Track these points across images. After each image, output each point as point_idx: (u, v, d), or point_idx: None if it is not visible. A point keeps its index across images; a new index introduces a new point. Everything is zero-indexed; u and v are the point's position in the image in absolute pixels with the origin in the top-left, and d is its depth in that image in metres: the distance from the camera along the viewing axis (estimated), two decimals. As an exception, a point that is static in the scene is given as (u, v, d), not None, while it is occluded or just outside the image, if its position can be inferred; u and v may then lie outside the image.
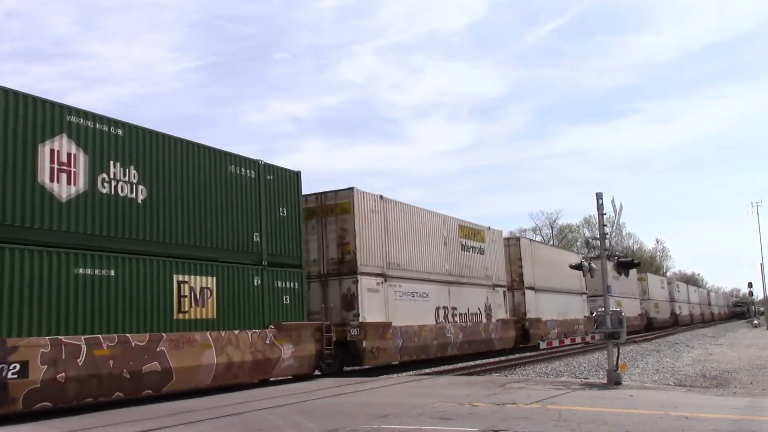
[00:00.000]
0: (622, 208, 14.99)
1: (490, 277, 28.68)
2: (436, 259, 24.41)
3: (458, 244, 26.42)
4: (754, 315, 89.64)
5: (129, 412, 11.16)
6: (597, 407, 10.36)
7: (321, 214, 20.51)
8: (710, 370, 20.65)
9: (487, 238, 29.13)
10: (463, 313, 25.72)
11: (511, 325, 30.07)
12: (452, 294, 25.20)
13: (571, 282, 38.01)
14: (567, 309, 36.63)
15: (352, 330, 19.20)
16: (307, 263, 18.69)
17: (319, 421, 9.31)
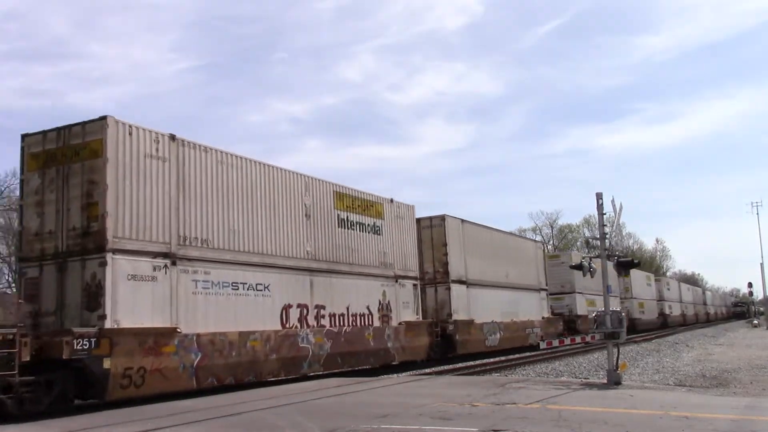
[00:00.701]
0: (622, 208, 15.01)
1: (389, 265, 21.60)
2: (287, 236, 17.33)
3: (334, 218, 19.33)
4: (754, 315, 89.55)
5: (129, 412, 11.16)
6: (597, 407, 10.35)
7: (63, 161, 13.66)
8: (710, 370, 20.64)
9: (387, 214, 22.00)
10: (338, 313, 18.86)
11: (424, 329, 22.90)
12: (317, 287, 18.13)
13: (525, 275, 32.74)
14: (517, 309, 30.86)
15: (76, 343, 11.60)
16: (33, 237, 13.60)
17: (319, 421, 9.31)
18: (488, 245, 29.23)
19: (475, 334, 26.34)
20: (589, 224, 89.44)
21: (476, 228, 28.86)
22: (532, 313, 32.92)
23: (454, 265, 25.65)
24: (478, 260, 27.74)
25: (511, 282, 30.83)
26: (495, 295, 28.86)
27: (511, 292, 30.80)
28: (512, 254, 31.62)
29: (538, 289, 34.50)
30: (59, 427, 9.92)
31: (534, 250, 35.76)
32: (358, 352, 19.44)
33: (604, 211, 14.61)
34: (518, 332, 30.60)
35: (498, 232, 31.39)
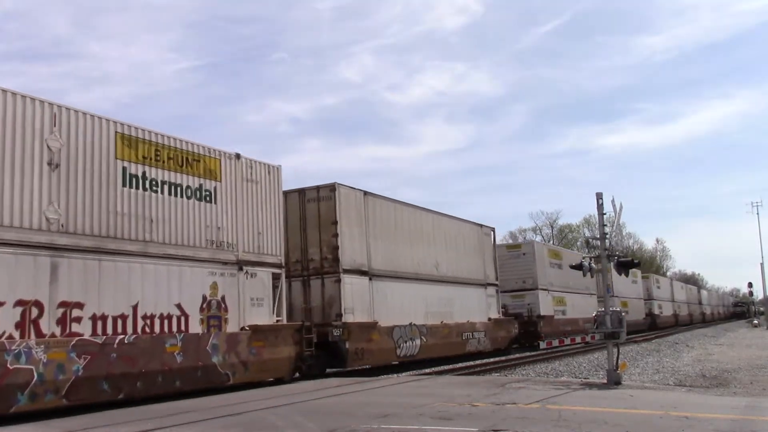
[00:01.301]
0: (622, 208, 15.00)
1: (228, 246, 15.70)
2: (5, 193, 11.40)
3: (115, 172, 13.33)
4: (754, 315, 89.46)
5: (129, 412, 11.16)
6: (597, 407, 10.35)
7: None
8: (710, 370, 20.64)
9: (226, 174, 15.96)
10: (114, 315, 12.84)
11: (285, 337, 16.90)
12: (68, 275, 12.08)
13: (464, 267, 26.83)
14: (451, 308, 25.21)
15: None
16: None
17: (319, 421, 9.31)
18: (408, 227, 23.20)
19: (378, 341, 20.21)
20: (589, 224, 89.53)
21: (389, 204, 22.52)
22: (474, 313, 26.85)
23: (348, 250, 19.61)
24: (391, 245, 21.86)
25: (443, 275, 25.02)
26: (416, 291, 23.04)
27: (443, 287, 24.87)
28: (446, 240, 25.89)
29: (484, 284, 28.27)
30: (59, 427, 9.92)
31: (478, 237, 28.84)
32: (149, 373, 13.13)
33: (604, 211, 14.60)
34: (451, 338, 24.77)
35: (426, 212, 25.00)
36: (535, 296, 33.91)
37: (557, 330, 34.52)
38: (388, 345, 20.81)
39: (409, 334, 22.06)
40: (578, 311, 38.82)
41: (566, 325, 36.22)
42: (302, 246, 19.57)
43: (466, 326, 26.00)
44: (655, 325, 55.95)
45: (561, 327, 35.40)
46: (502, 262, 32.26)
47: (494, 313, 28.89)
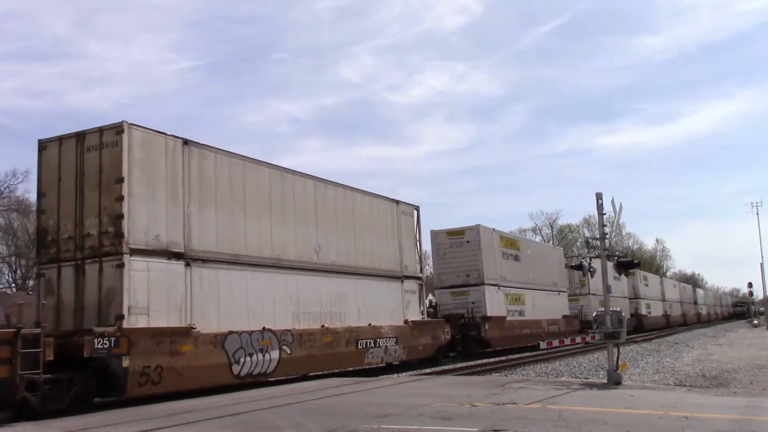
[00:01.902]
0: (621, 208, 15.00)
1: None
2: None
3: None
4: (754, 315, 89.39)
5: (129, 412, 11.16)
6: (597, 407, 10.35)
7: None
8: (710, 370, 20.64)
9: None
10: None
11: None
12: None
13: (368, 253, 20.71)
14: (342, 307, 19.16)
15: None
16: None
17: (319, 421, 9.31)
18: (267, 196, 17.08)
19: (194, 356, 14.15)
20: (589, 224, 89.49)
21: (231, 162, 16.24)
22: (382, 314, 20.77)
23: (142, 221, 13.70)
24: (233, 219, 16.04)
25: (329, 263, 18.87)
26: (278, 284, 16.90)
27: (329, 279, 18.75)
28: (337, 217, 19.68)
29: (400, 277, 22.14)
30: (59, 427, 9.92)
31: (393, 216, 22.47)
32: None
33: (604, 211, 14.61)
34: (338, 347, 18.50)
35: (303, 178, 18.53)
36: (481, 293, 27.77)
37: (510, 334, 29.98)
38: (214, 360, 14.64)
39: (258, 345, 15.84)
40: (542, 311, 33.77)
41: (523, 327, 31.32)
42: (77, 215, 13.70)
43: (366, 331, 19.72)
44: (642, 327, 50.43)
45: (516, 330, 30.59)
46: (442, 251, 28.47)
47: (414, 313, 22.51)
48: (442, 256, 28.60)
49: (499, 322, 29.00)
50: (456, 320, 26.62)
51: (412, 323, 22.37)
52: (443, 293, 28.55)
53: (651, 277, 61.43)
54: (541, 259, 35.85)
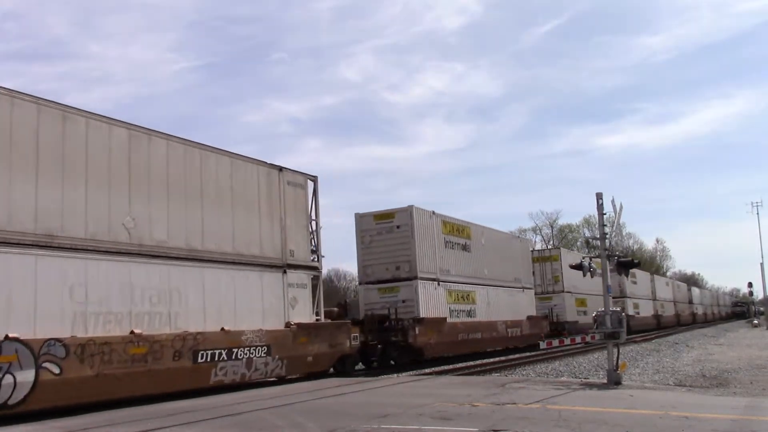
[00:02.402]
0: (622, 208, 15.00)
1: None
2: None
3: None
4: (754, 315, 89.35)
5: (129, 412, 11.17)
6: (597, 407, 10.35)
7: None
8: (710, 370, 20.64)
9: None
10: None
11: None
12: None
13: (225, 232, 15.81)
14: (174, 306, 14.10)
15: None
16: None
17: (319, 421, 9.31)
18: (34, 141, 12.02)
19: None
20: (589, 224, 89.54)
21: None
22: (247, 316, 15.80)
23: None
24: None
25: (152, 244, 13.89)
26: (47, 271, 11.83)
27: (151, 266, 13.65)
28: (171, 183, 14.60)
29: (281, 267, 17.12)
30: (59, 426, 9.92)
31: (270, 186, 17.42)
32: None
33: (604, 211, 14.61)
34: (159, 362, 13.29)
35: (109, 125, 13.52)
36: (413, 289, 22.64)
37: (452, 340, 24.53)
38: None
39: None
40: (499, 312, 28.80)
41: (472, 331, 26.04)
42: None
43: (214, 339, 14.70)
44: (628, 329, 45.02)
45: (461, 335, 25.20)
46: (368, 239, 23.53)
47: (303, 314, 17.70)
48: (368, 244, 23.44)
49: (436, 325, 23.38)
50: (378, 323, 21.87)
51: (296, 327, 17.24)
52: (369, 290, 23.32)
53: (640, 275, 55.37)
54: (500, 251, 30.42)
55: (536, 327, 32.78)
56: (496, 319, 28.51)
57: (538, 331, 32.53)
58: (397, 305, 22.73)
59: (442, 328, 23.81)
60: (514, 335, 30.15)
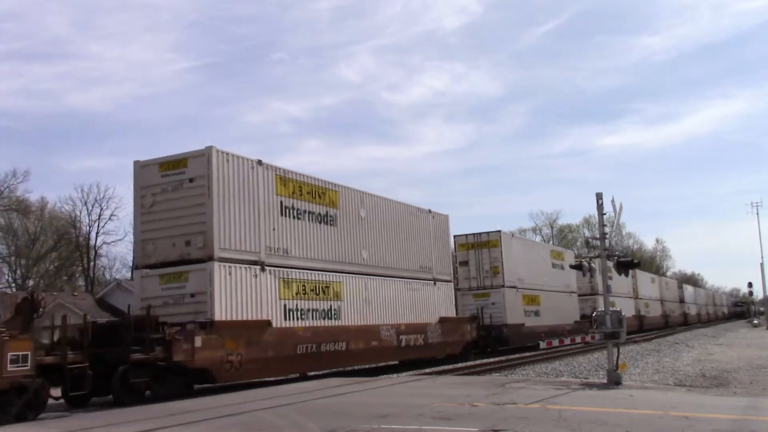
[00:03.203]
0: (621, 208, 15.00)
1: None
2: None
3: None
4: (754, 315, 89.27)
5: (129, 412, 11.16)
6: (597, 407, 10.35)
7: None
8: (710, 370, 20.64)
9: None
10: None
11: None
12: None
13: None
14: None
15: None
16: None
17: (319, 421, 9.30)
18: None
19: None
20: (589, 224, 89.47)
21: None
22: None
23: None
24: None
25: None
26: None
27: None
28: None
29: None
30: (59, 427, 9.92)
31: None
32: None
33: (604, 211, 14.61)
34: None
35: None
36: (205, 277, 15.08)
37: (282, 354, 16.72)
38: None
39: None
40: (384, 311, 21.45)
41: (326, 340, 18.24)
42: None
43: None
44: None
45: (300, 346, 17.30)
46: (150, 200, 16.13)
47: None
48: (149, 208, 16.08)
49: (246, 332, 15.74)
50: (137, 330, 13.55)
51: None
52: (149, 278, 15.82)
53: None
54: (396, 228, 22.88)
55: (450, 333, 24.68)
56: (378, 323, 20.91)
57: (457, 338, 25.28)
58: (184, 300, 15.38)
59: (260, 338, 16.10)
60: (415, 344, 22.54)
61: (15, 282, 58.65)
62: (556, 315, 35.28)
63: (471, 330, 26.57)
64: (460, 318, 27.39)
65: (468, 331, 26.37)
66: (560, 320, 35.29)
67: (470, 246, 31.61)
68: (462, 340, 25.72)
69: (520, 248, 33.90)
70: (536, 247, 40.12)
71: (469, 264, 31.42)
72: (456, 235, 31.55)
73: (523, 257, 33.33)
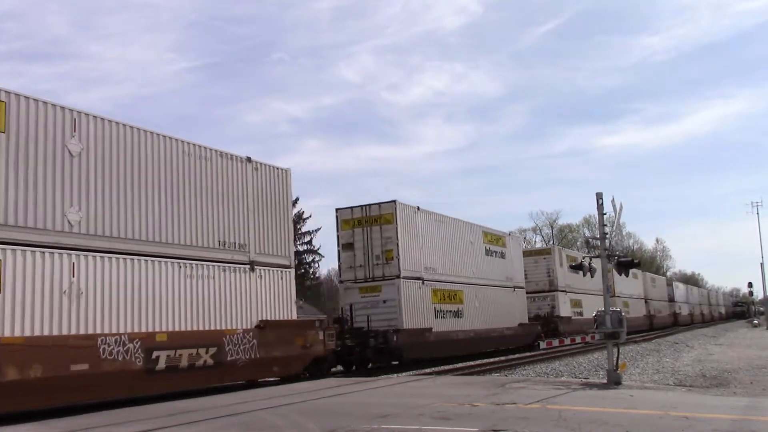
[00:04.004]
0: (622, 208, 15.00)
1: None
2: None
3: None
4: (754, 315, 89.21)
5: (129, 412, 11.15)
6: (597, 407, 10.35)
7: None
8: (710, 370, 20.64)
9: None
10: None
11: None
12: None
13: None
14: None
15: None
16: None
17: (319, 421, 9.30)
18: None
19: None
20: (589, 224, 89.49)
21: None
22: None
23: None
24: None
25: None
26: None
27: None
28: None
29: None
30: (59, 427, 9.91)
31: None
32: None
33: (604, 211, 14.61)
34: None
35: None
36: None
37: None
38: None
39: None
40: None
41: None
42: None
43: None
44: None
45: None
46: None
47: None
48: None
49: None
50: None
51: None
52: None
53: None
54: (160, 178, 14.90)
55: (287, 344, 17.37)
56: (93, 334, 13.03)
57: (294, 352, 17.67)
58: None
59: None
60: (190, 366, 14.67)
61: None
62: (491, 317, 28.14)
63: (326, 338, 18.81)
64: (302, 321, 20.17)
65: (319, 340, 18.53)
66: (497, 323, 28.45)
67: (357, 223, 22.93)
68: (304, 354, 18.00)
69: (431, 227, 24.94)
70: (459, 227, 27.48)
71: (354, 247, 22.61)
72: (339, 209, 23.65)
73: (434, 239, 24.93)
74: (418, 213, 24.35)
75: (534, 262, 36.64)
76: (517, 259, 32.36)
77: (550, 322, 34.36)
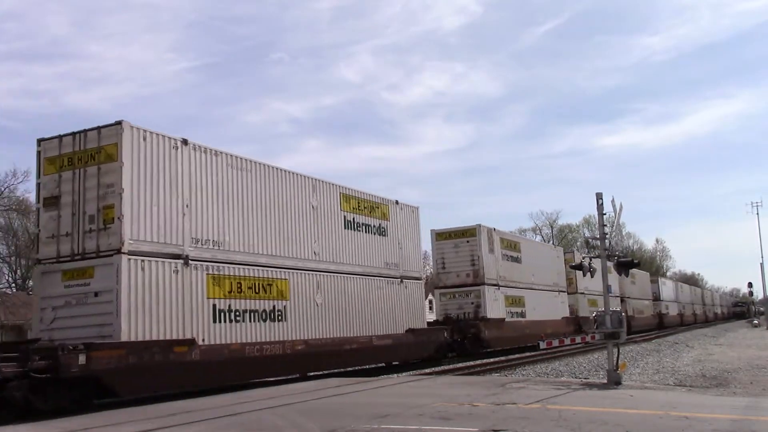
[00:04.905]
0: (621, 208, 14.99)
1: None
2: None
3: None
4: (754, 315, 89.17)
5: (129, 412, 11.15)
6: (597, 407, 10.35)
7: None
8: (710, 370, 20.63)
9: None
10: None
11: None
12: None
13: None
14: None
15: None
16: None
17: (319, 421, 9.30)
18: None
19: None
20: (589, 224, 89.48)
21: None
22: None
23: None
24: None
25: None
26: None
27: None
28: None
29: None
30: (59, 427, 9.91)
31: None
32: None
33: (604, 211, 14.60)
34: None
35: None
36: None
37: None
38: None
39: None
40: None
41: None
42: None
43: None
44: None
45: None
46: None
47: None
48: None
49: None
50: None
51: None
52: None
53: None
54: None
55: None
56: None
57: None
58: None
59: None
60: None
61: (15, 282, 58.67)
62: (351, 320, 19.68)
63: None
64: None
65: None
66: (361, 329, 19.97)
67: (67, 162, 14.02)
68: None
69: (218, 175, 15.73)
70: (288, 182, 18.25)
71: (61, 203, 13.86)
72: (42, 139, 14.32)
73: (225, 196, 15.86)
74: (182, 148, 14.84)
75: (453, 246, 28.36)
76: (409, 240, 23.44)
77: (468, 326, 25.93)
